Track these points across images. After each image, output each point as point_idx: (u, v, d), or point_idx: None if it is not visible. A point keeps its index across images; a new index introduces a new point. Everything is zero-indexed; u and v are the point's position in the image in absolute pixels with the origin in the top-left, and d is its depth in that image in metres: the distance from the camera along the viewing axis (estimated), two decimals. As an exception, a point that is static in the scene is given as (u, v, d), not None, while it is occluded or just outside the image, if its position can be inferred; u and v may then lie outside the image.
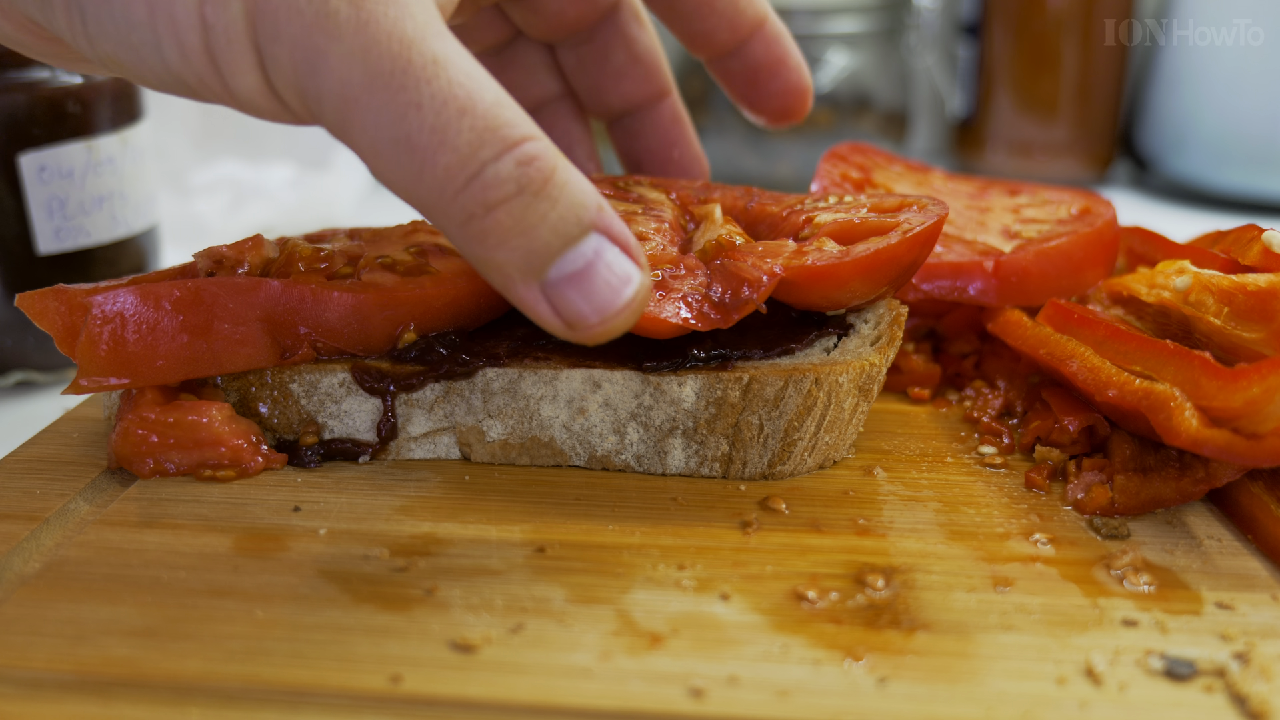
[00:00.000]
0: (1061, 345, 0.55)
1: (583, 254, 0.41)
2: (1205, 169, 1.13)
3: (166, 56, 0.40)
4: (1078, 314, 0.57)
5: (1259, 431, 0.45)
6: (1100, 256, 0.64)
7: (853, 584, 0.44)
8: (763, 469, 0.52)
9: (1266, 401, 0.44)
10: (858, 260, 0.51)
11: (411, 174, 0.40)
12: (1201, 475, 0.49)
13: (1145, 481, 0.50)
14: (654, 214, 0.60)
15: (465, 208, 0.40)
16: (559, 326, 0.43)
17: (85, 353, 0.51)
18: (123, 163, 0.68)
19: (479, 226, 0.40)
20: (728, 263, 0.53)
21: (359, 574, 0.44)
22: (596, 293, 0.42)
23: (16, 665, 0.39)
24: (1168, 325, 0.57)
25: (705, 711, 0.37)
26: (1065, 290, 0.63)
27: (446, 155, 0.39)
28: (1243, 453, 0.45)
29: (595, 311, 0.42)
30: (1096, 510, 0.50)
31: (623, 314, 0.42)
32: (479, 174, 0.39)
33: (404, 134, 0.39)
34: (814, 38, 1.13)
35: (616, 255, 0.42)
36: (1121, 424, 0.53)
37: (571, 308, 0.42)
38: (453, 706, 0.37)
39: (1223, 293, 0.53)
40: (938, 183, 0.76)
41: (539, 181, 0.40)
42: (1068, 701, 0.38)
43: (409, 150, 0.39)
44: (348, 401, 0.53)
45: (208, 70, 0.40)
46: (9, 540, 0.46)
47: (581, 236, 0.41)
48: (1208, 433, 0.46)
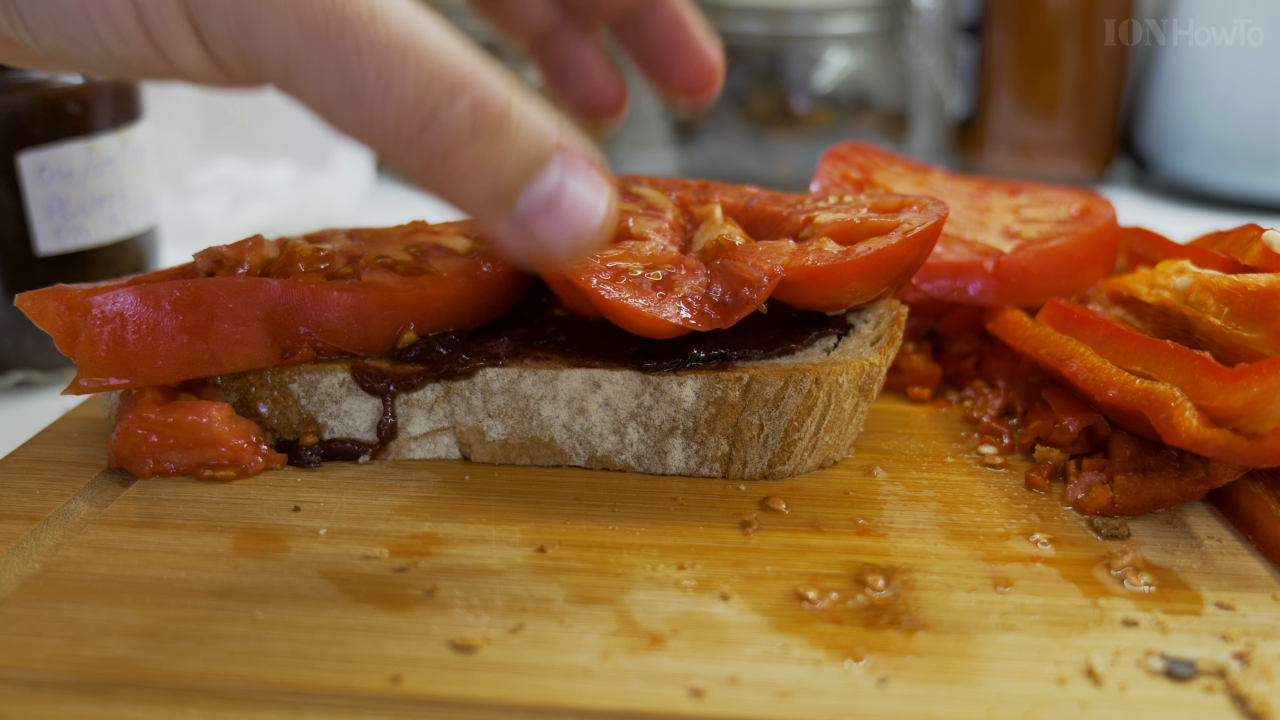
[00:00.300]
0: (1061, 345, 0.55)
1: (548, 184, 0.42)
2: (1205, 169, 1.13)
3: (106, 42, 0.41)
4: (1078, 314, 0.57)
5: (1259, 431, 0.45)
6: (1100, 256, 0.64)
7: (853, 584, 0.44)
8: (763, 469, 0.52)
9: (1267, 401, 0.44)
10: (858, 261, 0.51)
11: (363, 124, 0.40)
12: (1202, 475, 0.49)
13: (1145, 481, 0.50)
14: (654, 214, 0.60)
15: (423, 153, 0.40)
16: (533, 255, 0.43)
17: (85, 353, 0.51)
18: (123, 163, 0.68)
19: (440, 170, 0.41)
20: (728, 263, 0.53)
21: (359, 574, 0.44)
22: (567, 218, 0.42)
23: (16, 665, 0.39)
24: (1168, 325, 0.57)
25: (705, 711, 0.37)
26: (1065, 290, 0.63)
27: (395, 104, 0.39)
28: (1243, 453, 0.45)
29: (568, 236, 0.42)
30: (1096, 510, 0.50)
31: (595, 234, 0.43)
32: (432, 120, 0.40)
33: (349, 86, 0.39)
34: (814, 38, 1.13)
35: (581, 179, 0.42)
36: (1122, 424, 0.53)
37: (543, 236, 0.42)
38: (453, 706, 0.37)
39: (1223, 293, 0.53)
40: (938, 183, 0.76)
41: (494, 121, 0.40)
42: (1068, 702, 0.38)
43: (357, 102, 0.39)
44: (348, 401, 0.53)
45: (148, 49, 0.41)
46: (9, 540, 0.46)
47: (545, 167, 0.42)
48: (1208, 433, 0.46)
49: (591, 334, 0.54)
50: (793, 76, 1.13)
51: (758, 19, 1.12)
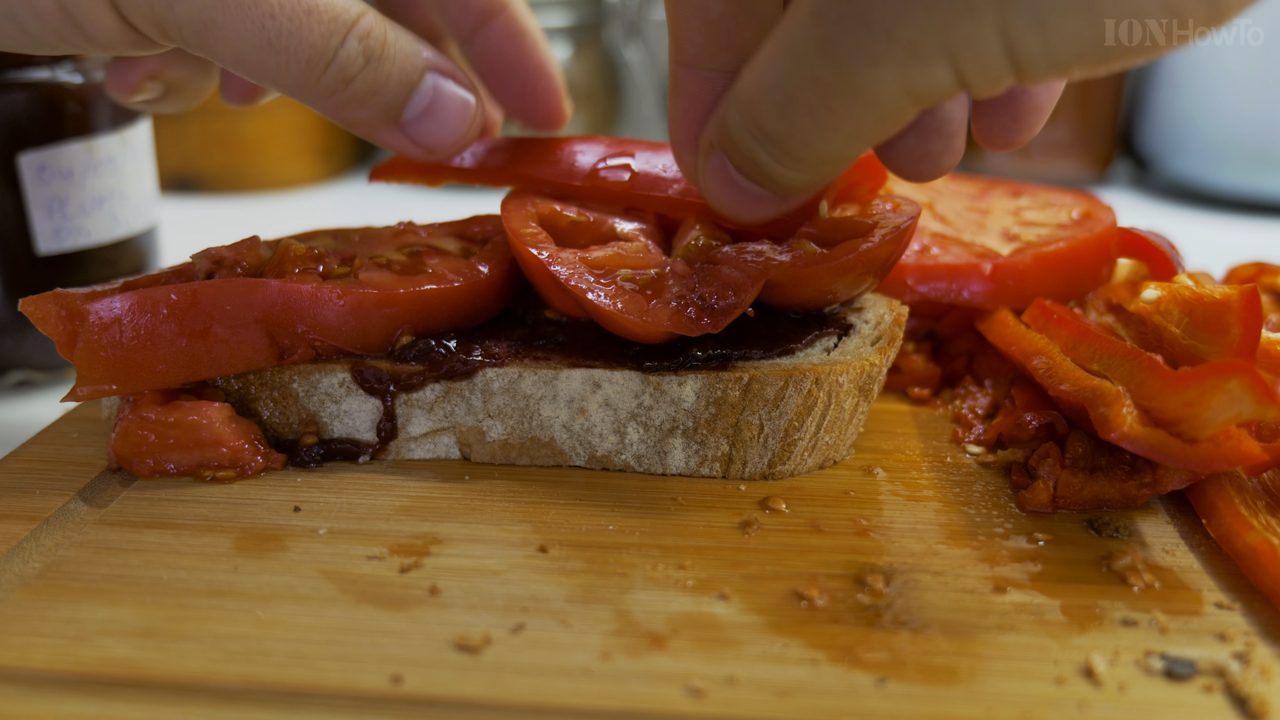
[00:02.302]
0: (1031, 342, 0.56)
1: (425, 92, 0.52)
2: (1205, 169, 1.13)
3: (25, 25, 0.46)
4: (1056, 314, 0.57)
5: (1198, 436, 0.45)
6: (1097, 262, 0.64)
7: (853, 584, 0.44)
8: (763, 469, 0.52)
9: (1202, 406, 0.44)
10: (841, 262, 0.52)
11: (278, 70, 0.48)
12: (1149, 479, 0.49)
13: (1090, 480, 0.50)
14: (634, 215, 0.60)
15: (328, 87, 0.50)
16: (423, 155, 0.54)
17: (84, 360, 0.51)
18: (123, 163, 0.68)
19: (342, 97, 0.50)
20: (710, 266, 0.53)
21: (359, 574, 0.44)
22: (445, 117, 0.52)
23: (16, 665, 0.39)
24: (1145, 334, 0.57)
25: (705, 711, 0.37)
26: (1061, 295, 0.63)
27: (306, 50, 0.48)
28: (1174, 454, 0.45)
29: (449, 133, 0.53)
30: (1037, 506, 0.50)
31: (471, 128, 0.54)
32: (334, 58, 0.48)
33: (265, 41, 0.47)
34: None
35: (451, 85, 0.53)
36: (1078, 422, 0.53)
37: (429, 137, 0.53)
38: (453, 706, 0.37)
39: (1184, 304, 0.53)
40: (939, 182, 0.76)
41: (378, 48, 0.50)
42: (1067, 702, 0.38)
43: (273, 52, 0.48)
44: (348, 401, 0.53)
45: (66, 26, 0.46)
46: (9, 540, 0.46)
47: (420, 79, 0.51)
48: (1141, 430, 0.46)
49: (591, 334, 0.54)
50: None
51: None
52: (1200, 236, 1.03)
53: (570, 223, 0.57)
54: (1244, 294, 0.49)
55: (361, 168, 1.28)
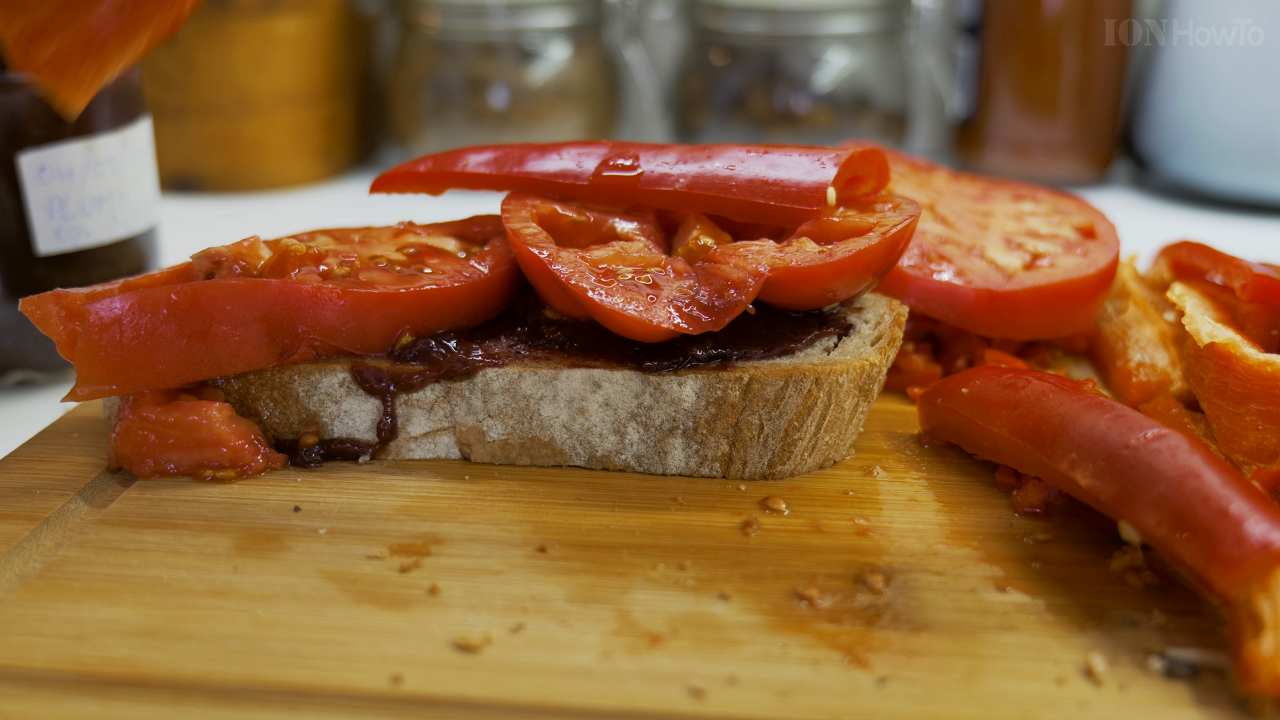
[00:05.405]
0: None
1: None
2: (1205, 169, 1.12)
3: None
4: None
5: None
6: (1096, 297, 0.64)
7: (853, 584, 0.44)
8: (763, 469, 0.52)
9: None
10: (841, 261, 0.52)
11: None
12: None
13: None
14: (633, 213, 0.60)
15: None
16: None
17: (83, 360, 0.51)
18: (123, 163, 0.68)
19: None
20: (710, 265, 0.53)
21: (359, 574, 0.44)
22: None
23: (16, 665, 0.39)
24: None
25: (705, 711, 0.37)
26: (1054, 329, 0.63)
27: None
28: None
29: None
30: (1028, 507, 0.50)
31: None
32: None
33: None
34: (813, 37, 1.13)
35: None
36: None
37: None
38: (453, 706, 0.37)
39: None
40: (941, 183, 0.76)
41: None
42: (1068, 702, 0.38)
43: None
44: (348, 401, 0.53)
45: None
46: (9, 540, 0.46)
47: None
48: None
49: (591, 334, 0.54)
50: (793, 76, 1.13)
51: (757, 19, 1.12)
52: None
53: (570, 223, 0.57)
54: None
55: (361, 168, 1.28)
